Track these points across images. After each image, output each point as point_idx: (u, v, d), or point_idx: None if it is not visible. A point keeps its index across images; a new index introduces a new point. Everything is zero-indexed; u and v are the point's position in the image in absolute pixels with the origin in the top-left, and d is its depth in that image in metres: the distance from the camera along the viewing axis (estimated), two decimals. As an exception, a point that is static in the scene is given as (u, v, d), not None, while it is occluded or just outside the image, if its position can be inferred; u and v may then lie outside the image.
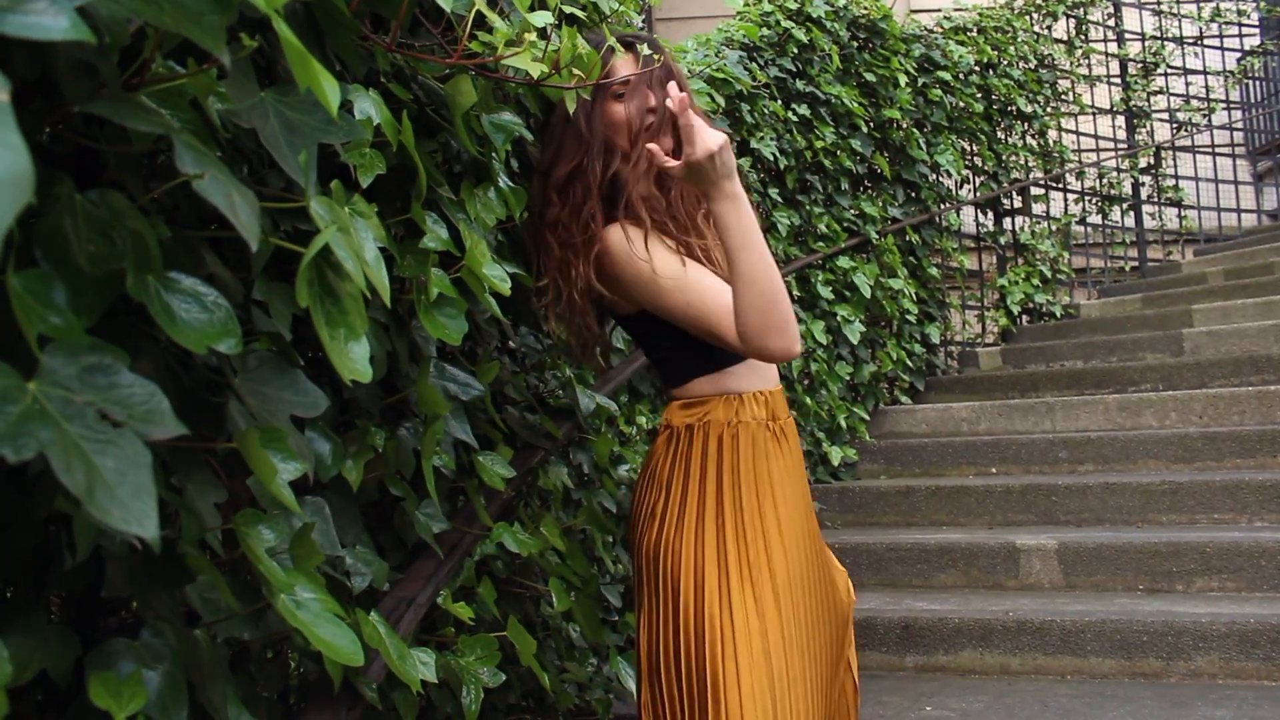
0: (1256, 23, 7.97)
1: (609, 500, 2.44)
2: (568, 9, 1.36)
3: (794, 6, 4.16)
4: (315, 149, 0.89)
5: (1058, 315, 6.10)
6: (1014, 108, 5.89)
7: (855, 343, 4.41)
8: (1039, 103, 6.12)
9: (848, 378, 4.46)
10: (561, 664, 2.17)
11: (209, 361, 0.98)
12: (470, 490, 1.58)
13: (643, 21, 7.00)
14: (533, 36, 1.09)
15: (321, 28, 1.02)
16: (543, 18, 1.26)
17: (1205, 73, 7.34)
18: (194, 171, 0.67)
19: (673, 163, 1.56)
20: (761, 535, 1.73)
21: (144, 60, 0.79)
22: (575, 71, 1.30)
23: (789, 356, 1.68)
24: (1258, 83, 8.41)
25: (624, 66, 1.72)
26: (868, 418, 4.64)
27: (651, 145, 1.57)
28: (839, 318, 4.37)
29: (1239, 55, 7.64)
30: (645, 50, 1.71)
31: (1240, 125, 8.15)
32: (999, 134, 5.92)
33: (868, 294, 4.44)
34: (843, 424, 4.38)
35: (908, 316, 4.92)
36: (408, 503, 1.42)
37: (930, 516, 3.94)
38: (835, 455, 4.27)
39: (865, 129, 4.58)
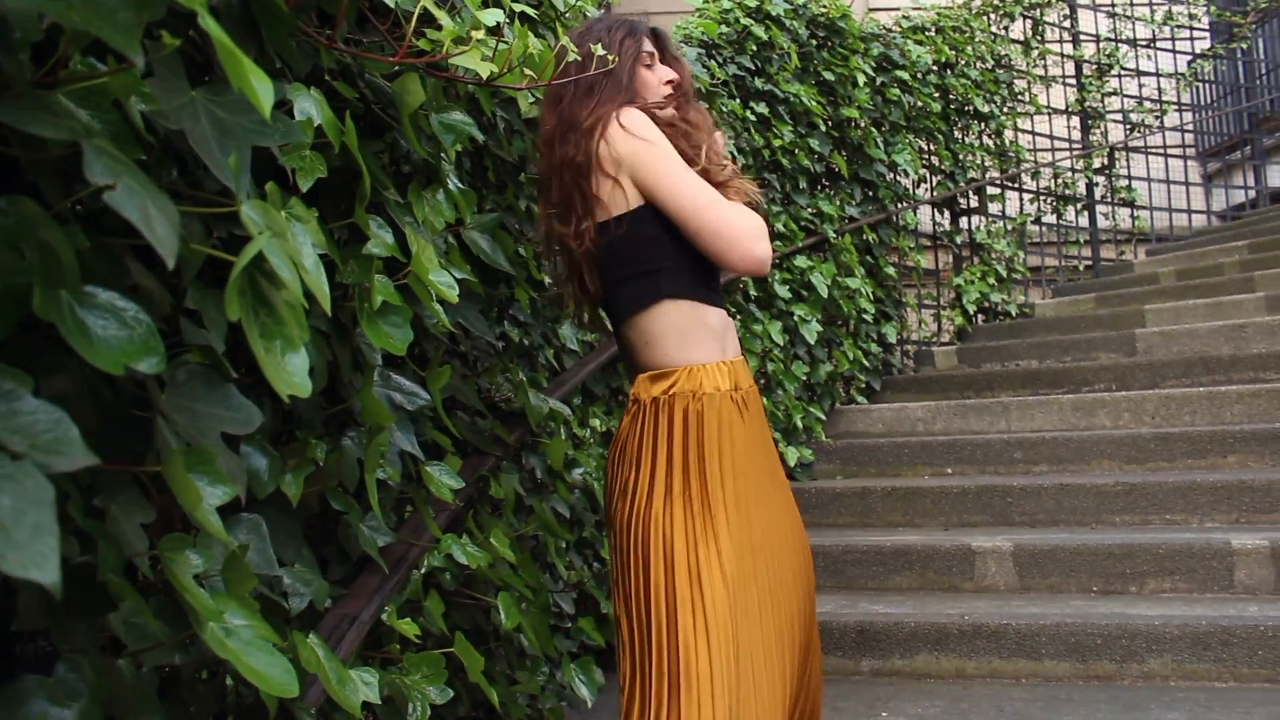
0: (1207, 26, 8.07)
1: (562, 505, 2.40)
2: (519, 7, 1.31)
3: (753, 4, 4.13)
4: (249, 151, 0.84)
5: (1013, 315, 6.13)
6: (971, 107, 5.90)
7: (812, 342, 4.39)
8: (996, 103, 6.14)
9: (804, 377, 4.45)
10: (512, 674, 2.13)
11: (136, 375, 0.93)
12: (418, 501, 1.53)
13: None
14: (481, 34, 1.04)
15: (258, 23, 0.97)
16: (493, 15, 1.22)
17: (1158, 75, 7.42)
18: (104, 181, 0.62)
19: None
20: (723, 506, 1.77)
21: (59, 57, 0.74)
22: (527, 71, 1.25)
23: (765, 265, 1.79)
24: (1207, 85, 8.53)
25: (646, 40, 1.91)
26: (824, 418, 4.63)
27: None
28: (796, 317, 4.35)
29: (1189, 58, 7.73)
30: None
31: (1191, 127, 8.25)
32: (956, 133, 5.93)
33: (825, 293, 4.43)
34: (799, 424, 4.36)
35: (864, 316, 4.91)
36: (351, 516, 1.38)
37: (886, 518, 3.94)
38: (792, 456, 4.25)
39: (824, 128, 4.56)
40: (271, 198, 0.87)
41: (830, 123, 4.68)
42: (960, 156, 5.91)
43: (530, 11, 1.35)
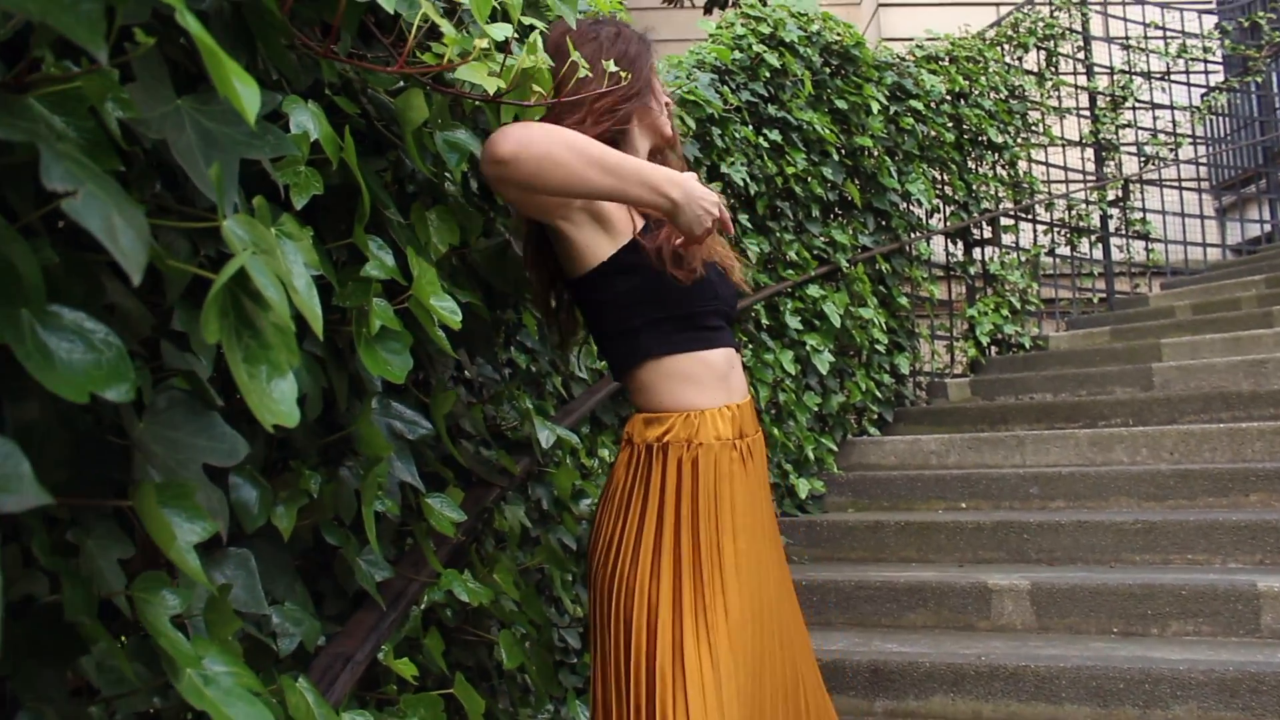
0: (1221, 60, 8.03)
1: (568, 537, 2.33)
2: (529, 21, 1.26)
3: (767, 31, 4.10)
4: (236, 164, 0.79)
5: (1027, 346, 6.05)
6: (985, 137, 5.86)
7: (824, 372, 4.33)
8: (1009, 133, 6.10)
9: (816, 408, 4.38)
10: (514, 712, 2.05)
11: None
12: (418, 534, 1.47)
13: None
14: (484, 44, 0.98)
15: (253, 32, 0.91)
16: (502, 30, 1.16)
17: (1172, 107, 7.37)
18: (63, 187, 0.56)
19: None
20: (719, 571, 1.64)
21: (30, 58, 0.68)
22: (536, 88, 1.20)
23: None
24: (1222, 119, 8.48)
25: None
26: (836, 449, 4.56)
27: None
28: (808, 347, 4.28)
29: (1203, 91, 7.68)
30: None
31: (1205, 160, 8.20)
32: (970, 163, 5.89)
33: (837, 323, 4.37)
34: (810, 456, 4.29)
35: (877, 346, 4.85)
36: (347, 550, 1.31)
37: (899, 553, 3.85)
38: (803, 488, 4.18)
39: (837, 156, 4.51)
40: (260, 213, 0.81)
41: (843, 151, 4.63)
42: (974, 187, 5.86)
43: (541, 26, 1.30)
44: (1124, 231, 7.13)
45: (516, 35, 1.22)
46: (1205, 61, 7.58)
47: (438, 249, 1.31)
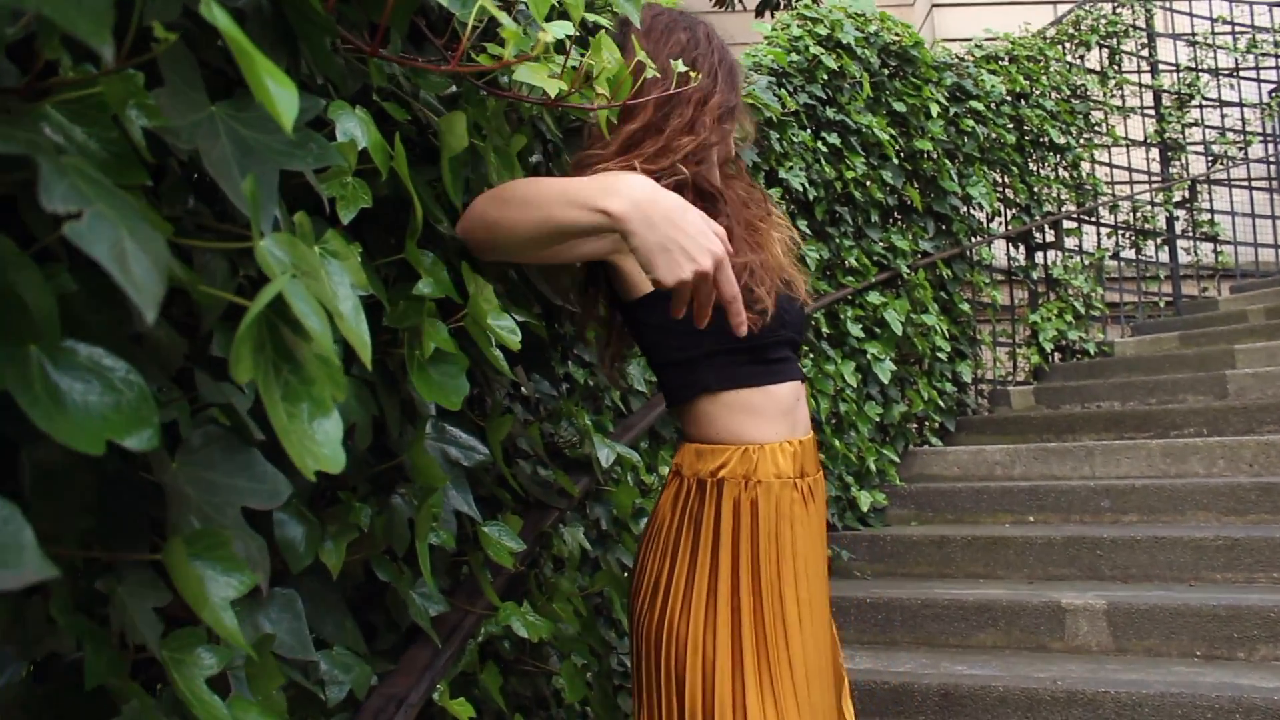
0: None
1: (628, 556, 2.25)
2: (593, 18, 1.17)
3: (824, 32, 3.99)
4: (275, 176, 0.71)
5: (1091, 353, 5.87)
6: (1046, 139, 5.70)
7: (886, 382, 4.21)
8: (1072, 134, 5.93)
9: (877, 418, 4.26)
10: (574, 743, 1.97)
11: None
12: (474, 564, 1.39)
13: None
14: (548, 39, 0.90)
15: (295, 31, 0.83)
16: (563, 28, 1.08)
17: (1241, 105, 7.14)
18: (65, 208, 0.48)
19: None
20: (782, 621, 1.48)
21: (42, 62, 0.61)
22: (599, 90, 1.11)
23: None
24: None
25: None
26: (897, 460, 4.43)
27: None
28: (869, 356, 4.17)
29: (1273, 87, 7.44)
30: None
31: (1276, 159, 7.94)
32: (1031, 165, 5.73)
33: (899, 330, 4.24)
34: (872, 467, 4.17)
35: (939, 354, 4.71)
36: (400, 584, 1.23)
37: (966, 568, 3.72)
38: (864, 500, 4.06)
39: (896, 159, 4.39)
40: (302, 230, 0.73)
41: (902, 154, 4.51)
42: (1035, 189, 5.70)
43: (605, 23, 1.21)
44: (1191, 233, 6.91)
45: (578, 35, 1.13)
46: (1277, 56, 7.33)
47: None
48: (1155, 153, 6.91)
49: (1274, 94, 7.41)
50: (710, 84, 1.53)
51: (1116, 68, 6.60)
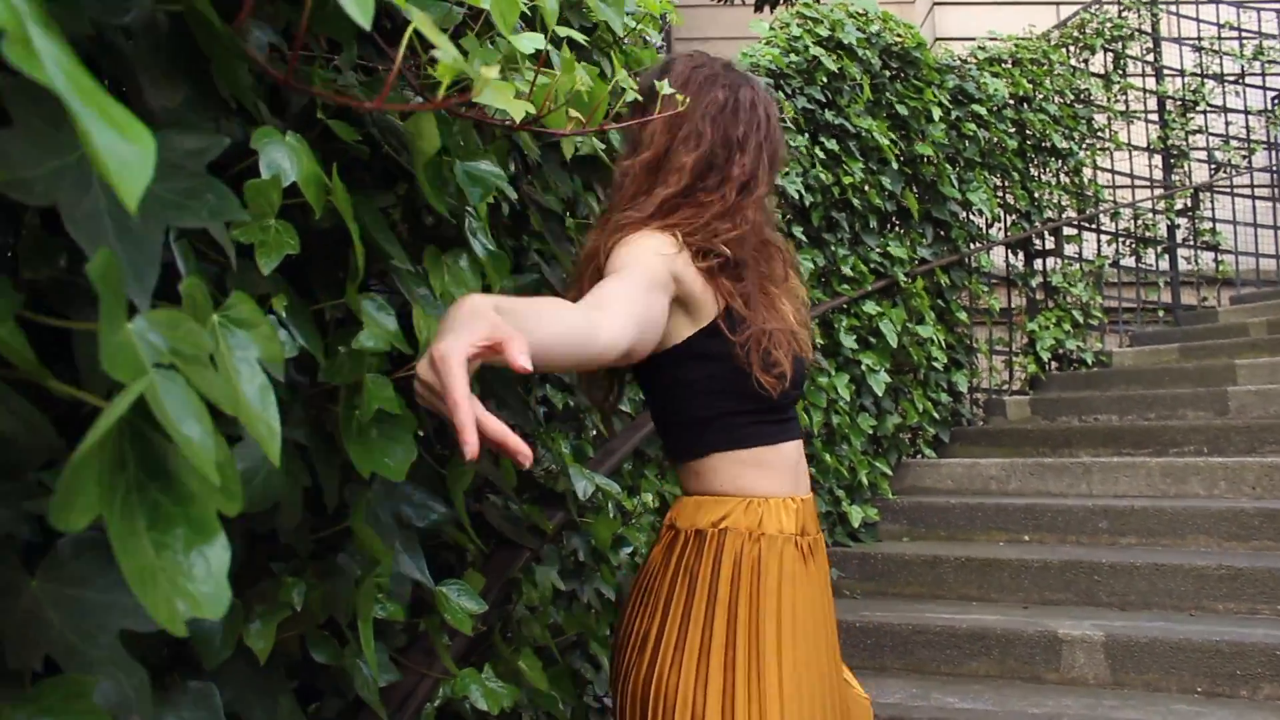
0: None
1: (607, 588, 2.12)
2: (566, 32, 1.04)
3: (825, 33, 3.86)
4: (158, 241, 0.58)
5: (1089, 363, 5.75)
6: (1049, 143, 5.57)
7: (880, 393, 4.08)
8: (1074, 139, 5.80)
9: (870, 430, 4.14)
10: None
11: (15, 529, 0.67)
12: (430, 629, 1.26)
13: (662, 40, 6.70)
14: (492, 73, 0.76)
15: (203, 52, 0.70)
16: (532, 41, 0.95)
17: (1246, 112, 7.01)
18: None
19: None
20: (778, 681, 1.39)
21: None
22: (573, 113, 0.98)
23: None
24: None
25: None
26: (890, 473, 4.31)
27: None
28: (863, 367, 4.04)
29: (1276, 95, 7.31)
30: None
31: (1277, 167, 7.82)
32: (1032, 171, 5.60)
33: (894, 342, 4.12)
34: (864, 480, 4.05)
35: (935, 364, 4.59)
36: (345, 657, 1.10)
37: (959, 590, 3.60)
38: (855, 515, 3.93)
39: (895, 164, 4.26)
40: (193, 301, 0.60)
41: (902, 158, 4.38)
42: (1036, 195, 5.57)
43: (579, 38, 1.08)
44: (1192, 241, 6.79)
45: (548, 48, 1.00)
46: (1283, 64, 7.21)
47: (455, 300, 1.10)
48: (1158, 159, 6.78)
49: (1277, 101, 7.29)
50: (754, 164, 1.49)
51: (1121, 72, 6.47)
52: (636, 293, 1.25)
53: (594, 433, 2.30)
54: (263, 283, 0.82)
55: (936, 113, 4.44)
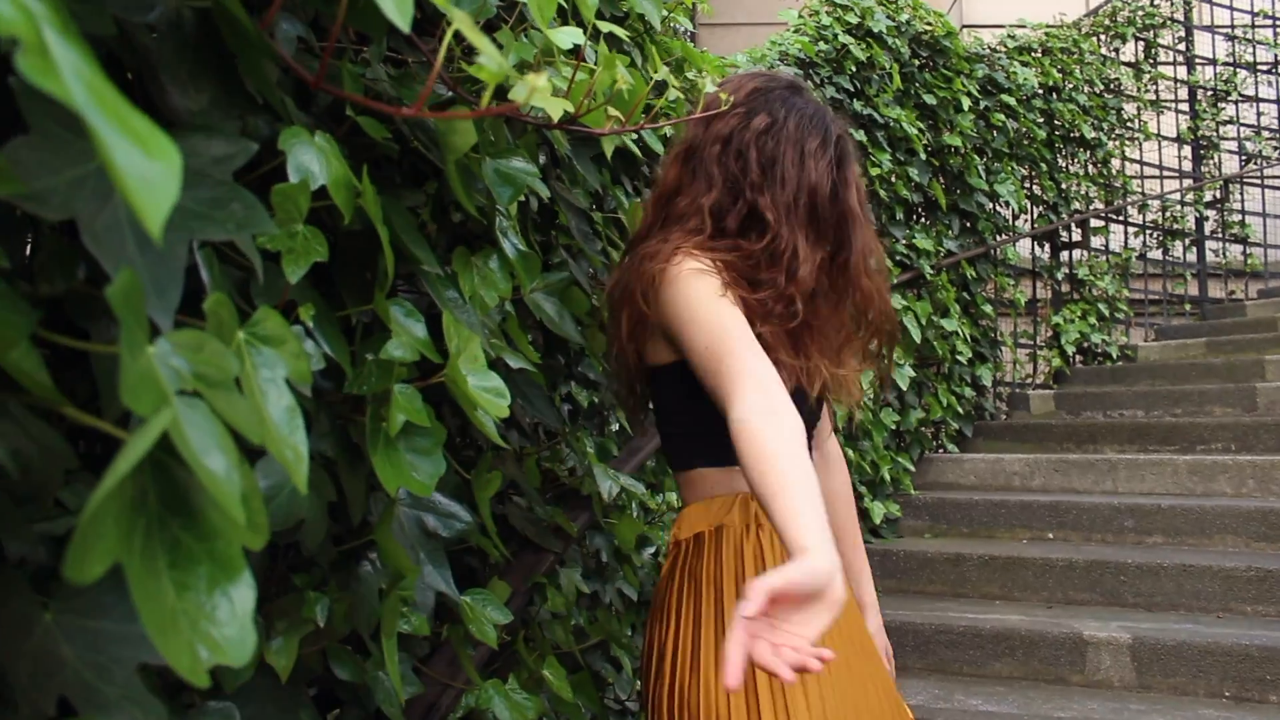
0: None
1: (629, 588, 2.09)
2: (606, 27, 1.00)
3: (854, 20, 3.80)
4: (181, 255, 0.54)
5: (1114, 357, 5.68)
6: (1078, 134, 5.49)
7: (904, 388, 4.04)
8: (1104, 130, 5.71)
9: (894, 426, 4.09)
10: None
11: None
12: (454, 640, 1.23)
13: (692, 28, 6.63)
14: (541, 80, 0.73)
15: (229, 50, 0.66)
16: (570, 36, 0.91)
17: (1279, 102, 6.90)
18: None
19: None
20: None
21: None
22: (612, 111, 0.94)
23: None
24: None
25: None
26: (912, 468, 4.26)
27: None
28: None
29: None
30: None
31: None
32: (1060, 162, 5.52)
33: (918, 337, 4.06)
34: (886, 476, 4.00)
35: (959, 357, 4.53)
36: (368, 670, 1.07)
37: (981, 589, 3.56)
38: (877, 511, 3.89)
39: (923, 155, 4.20)
40: (219, 319, 0.56)
41: (929, 149, 4.32)
42: (1064, 186, 5.49)
43: (621, 33, 1.04)
44: (1220, 234, 6.70)
45: (587, 42, 0.96)
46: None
47: (485, 303, 1.06)
48: (1187, 150, 6.68)
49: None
50: (807, 225, 1.41)
51: (1152, 61, 6.37)
52: (758, 360, 1.22)
53: (616, 428, 2.27)
54: (288, 289, 0.78)
55: (965, 102, 4.37)
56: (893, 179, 4.01)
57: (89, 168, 0.53)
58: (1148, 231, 6.41)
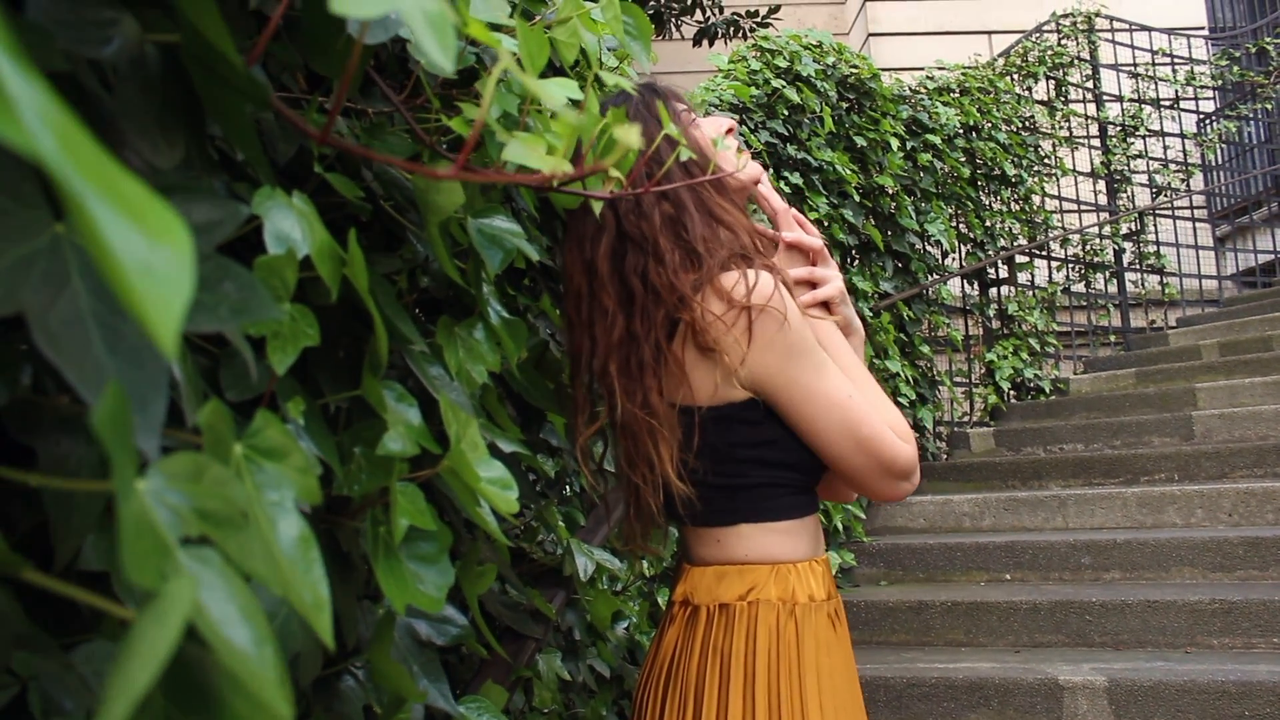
0: (1217, 88, 7.76)
1: (602, 665, 1.96)
2: (611, 79, 0.89)
3: (783, 64, 3.77)
4: (162, 370, 0.42)
5: (1047, 391, 5.72)
6: (999, 171, 5.54)
7: (851, 434, 3.96)
8: (1023, 166, 5.79)
9: (843, 472, 4.01)
10: None
11: None
12: (445, 757, 1.09)
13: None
14: (538, 145, 0.61)
15: (195, 91, 0.54)
16: (566, 89, 0.80)
17: (1183, 135, 7.09)
18: None
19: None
20: None
21: None
22: (614, 173, 0.83)
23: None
24: (1223, 146, 8.18)
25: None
26: (863, 515, 4.19)
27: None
28: (834, 406, 3.92)
29: (1198, 118, 7.39)
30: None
31: (1210, 189, 7.91)
32: (984, 199, 5.57)
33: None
34: (839, 525, 3.92)
35: (901, 400, 4.49)
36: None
37: (946, 636, 3.48)
38: (833, 562, 3.80)
39: (856, 197, 4.18)
40: (215, 433, 0.44)
41: (861, 191, 4.29)
42: (989, 224, 5.54)
43: (626, 84, 0.93)
44: (1138, 265, 6.82)
45: (578, 98, 0.85)
46: (1214, 89, 7.31)
47: (472, 379, 0.94)
48: (1102, 184, 6.82)
49: (1200, 124, 7.38)
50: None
51: (1063, 99, 6.50)
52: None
53: (577, 490, 2.15)
54: (273, 381, 0.66)
55: (894, 143, 4.37)
56: (829, 223, 3.97)
57: (37, 245, 0.41)
58: (1070, 265, 6.49)
